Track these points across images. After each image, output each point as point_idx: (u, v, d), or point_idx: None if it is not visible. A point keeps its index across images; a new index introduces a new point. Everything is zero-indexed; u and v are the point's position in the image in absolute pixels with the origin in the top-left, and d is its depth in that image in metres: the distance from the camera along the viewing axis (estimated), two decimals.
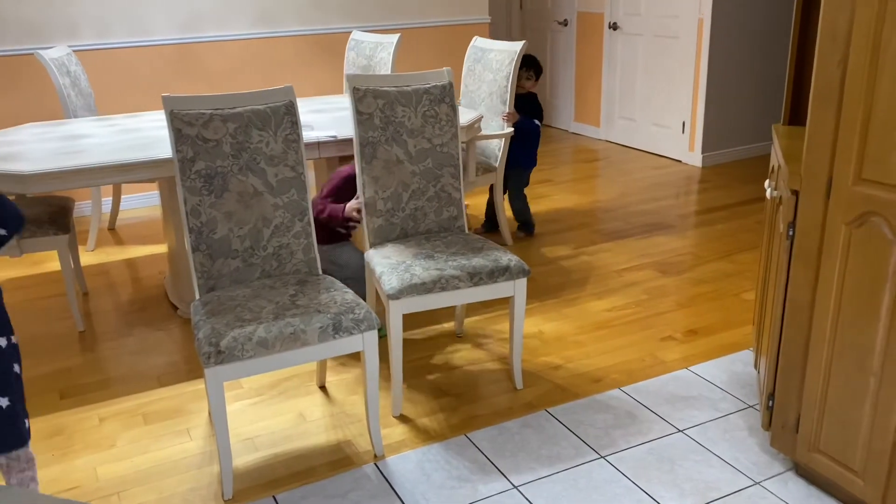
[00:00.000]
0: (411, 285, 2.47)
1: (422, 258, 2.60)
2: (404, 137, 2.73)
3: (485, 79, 4.02)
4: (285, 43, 5.07)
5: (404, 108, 2.71)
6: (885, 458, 1.88)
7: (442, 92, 2.79)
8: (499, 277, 2.57)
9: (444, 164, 2.82)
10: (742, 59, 5.46)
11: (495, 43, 4.04)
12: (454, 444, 2.43)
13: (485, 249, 2.68)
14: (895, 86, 1.68)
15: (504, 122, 3.91)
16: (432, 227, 2.85)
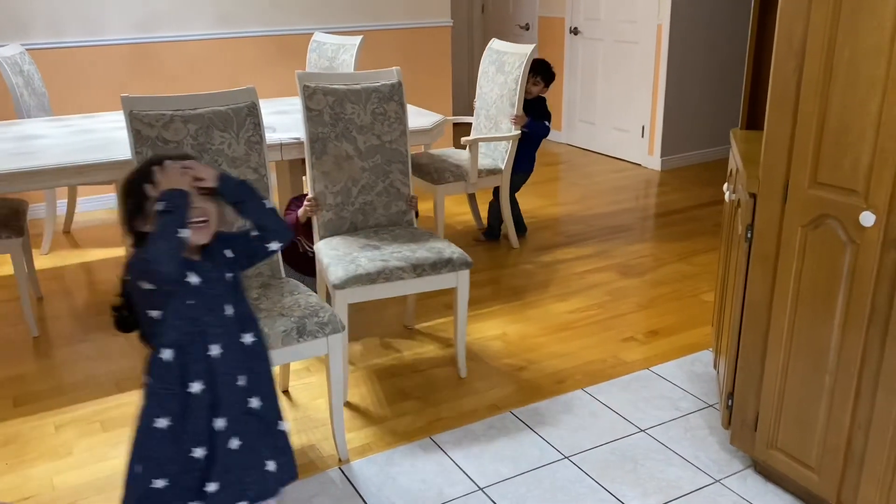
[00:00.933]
0: (356, 276, 2.52)
1: (368, 250, 2.66)
2: (354, 134, 2.79)
3: (497, 81, 4.03)
4: (246, 44, 5.02)
5: (354, 106, 2.77)
6: (840, 453, 1.93)
7: (391, 90, 2.84)
8: (442, 269, 2.64)
9: (392, 160, 2.87)
10: (700, 65, 5.57)
11: (510, 45, 4.05)
12: (419, 447, 2.43)
13: (429, 242, 2.74)
14: (848, 92, 1.73)
15: (512, 124, 3.91)
16: (381, 221, 2.91)
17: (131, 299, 1.57)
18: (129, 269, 1.53)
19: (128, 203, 1.54)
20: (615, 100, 5.91)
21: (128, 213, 1.54)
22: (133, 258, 1.52)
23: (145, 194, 1.50)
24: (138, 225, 1.53)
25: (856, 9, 1.68)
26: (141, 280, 1.50)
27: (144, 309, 1.53)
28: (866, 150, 1.72)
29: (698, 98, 5.65)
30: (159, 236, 1.44)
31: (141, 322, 1.57)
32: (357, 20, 5.32)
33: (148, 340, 1.57)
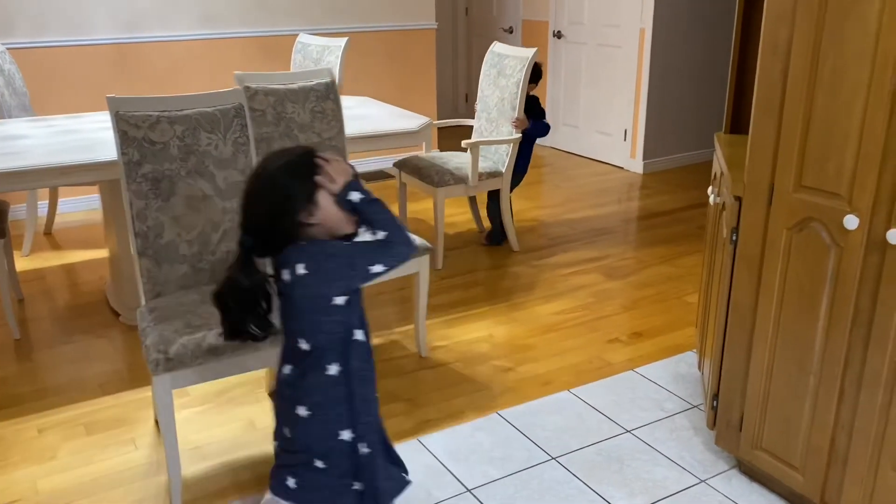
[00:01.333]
0: None
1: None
2: (295, 132, 2.87)
3: (499, 84, 4.04)
4: (230, 44, 4.99)
5: (294, 105, 2.86)
6: (824, 453, 1.96)
7: (327, 89, 2.95)
8: None
9: None
10: (682, 69, 5.62)
11: (511, 49, 4.06)
12: (407, 449, 2.43)
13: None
14: (833, 97, 1.76)
15: (514, 127, 3.92)
16: None
17: (263, 296, 1.53)
18: (314, 255, 1.47)
19: (295, 197, 1.46)
20: (598, 103, 5.95)
21: (293, 207, 1.46)
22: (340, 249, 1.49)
23: (315, 185, 1.47)
24: (303, 217, 1.47)
25: (841, 15, 1.71)
26: (351, 269, 1.48)
27: (329, 296, 1.48)
28: (850, 155, 1.75)
29: (680, 102, 5.70)
30: (390, 222, 1.48)
31: (304, 307, 1.51)
32: (342, 22, 5.31)
33: (330, 330, 1.51)
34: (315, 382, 1.53)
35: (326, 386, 1.53)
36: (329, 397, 1.54)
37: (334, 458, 1.57)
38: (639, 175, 5.67)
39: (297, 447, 1.59)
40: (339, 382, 1.53)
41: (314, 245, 1.49)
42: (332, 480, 1.58)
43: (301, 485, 1.58)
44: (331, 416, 1.54)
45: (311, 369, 1.53)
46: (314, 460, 1.57)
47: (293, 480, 1.58)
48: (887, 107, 1.66)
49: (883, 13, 1.63)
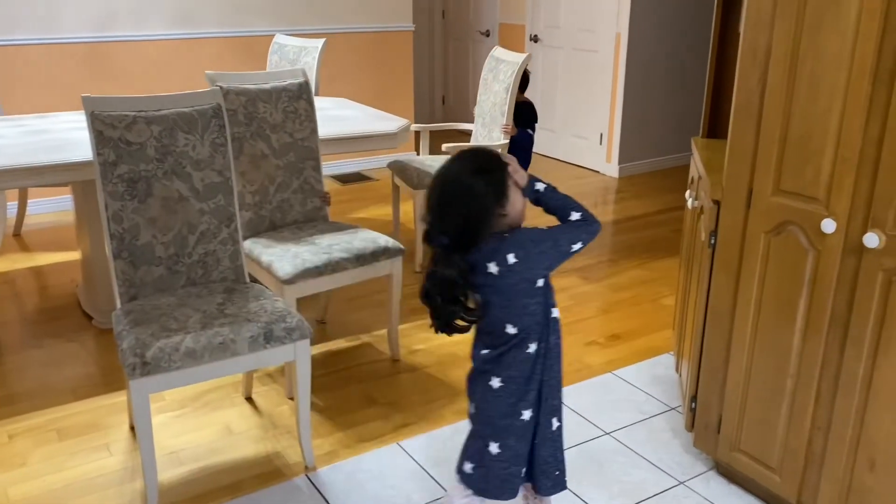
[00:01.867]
0: (305, 270, 2.59)
1: (305, 244, 2.73)
2: (267, 132, 2.85)
3: (492, 89, 4.03)
4: (206, 45, 4.94)
5: (265, 105, 2.84)
6: (801, 455, 1.98)
7: (299, 89, 2.93)
8: (379, 257, 2.78)
9: (305, 157, 2.95)
10: (657, 74, 5.67)
11: (507, 53, 4.05)
12: (387, 453, 2.41)
13: (359, 233, 2.86)
14: (810, 103, 1.78)
15: (503, 133, 3.91)
16: (298, 218, 2.97)
17: (465, 288, 1.63)
18: (522, 243, 1.59)
19: (490, 196, 1.58)
20: (575, 107, 5.98)
21: (489, 205, 1.58)
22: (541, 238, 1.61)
23: (505, 181, 1.60)
24: (497, 211, 1.59)
25: (818, 21, 1.73)
26: (551, 264, 1.63)
27: (535, 279, 1.63)
28: (827, 160, 1.78)
29: (655, 106, 5.76)
30: (577, 204, 1.68)
31: (512, 293, 1.62)
32: (319, 23, 5.28)
33: (534, 311, 1.64)
34: (515, 359, 1.66)
35: (524, 362, 1.66)
36: (523, 372, 1.66)
37: (510, 440, 1.69)
38: (615, 179, 5.71)
39: (478, 422, 1.73)
40: (536, 359, 1.67)
41: (517, 235, 1.62)
42: (504, 466, 1.70)
43: (476, 468, 1.74)
44: (519, 391, 1.67)
45: (514, 348, 1.66)
46: (490, 444, 1.70)
47: (470, 465, 1.75)
48: (864, 113, 1.69)
49: (859, 21, 1.66)
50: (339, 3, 5.34)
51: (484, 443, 1.71)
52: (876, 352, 1.77)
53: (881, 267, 1.72)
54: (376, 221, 4.63)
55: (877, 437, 1.81)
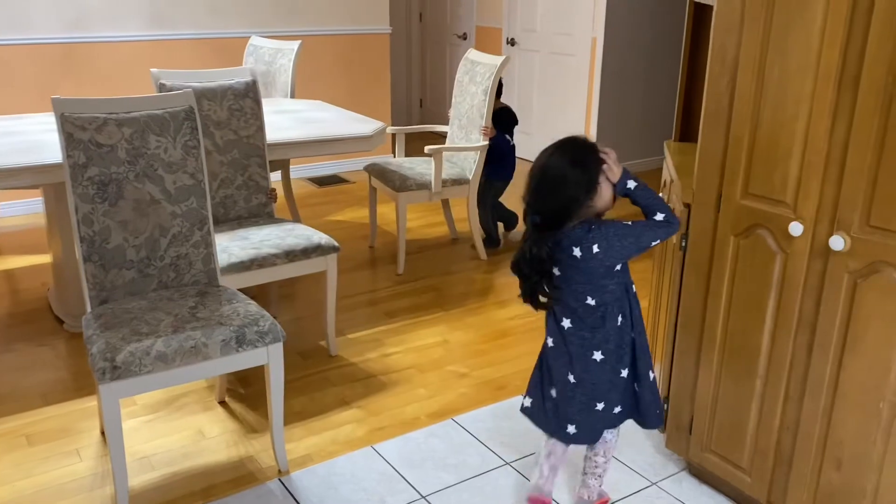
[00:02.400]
0: (230, 264, 2.64)
1: (238, 240, 2.78)
2: (211, 129, 2.91)
3: (469, 91, 4.04)
4: (181, 46, 4.90)
5: (210, 103, 2.90)
6: (770, 455, 2.01)
7: (246, 88, 2.99)
8: (312, 254, 2.82)
9: (250, 154, 3.02)
10: (632, 78, 5.71)
11: (483, 55, 4.06)
12: (360, 457, 2.41)
13: (296, 230, 2.91)
14: (778, 108, 1.81)
15: (482, 135, 3.91)
16: (242, 213, 3.04)
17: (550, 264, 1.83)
18: (607, 235, 1.79)
19: (583, 186, 1.77)
20: (551, 110, 6.01)
21: (581, 194, 1.77)
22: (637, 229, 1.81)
23: (598, 175, 1.78)
24: (586, 201, 1.77)
25: (785, 28, 1.76)
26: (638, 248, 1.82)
27: (614, 265, 1.84)
28: (795, 164, 1.80)
29: (630, 110, 5.80)
30: (663, 204, 1.83)
31: (593, 276, 1.83)
32: (295, 25, 5.27)
33: (613, 290, 1.86)
34: (609, 332, 1.87)
35: (617, 333, 1.88)
36: (618, 343, 1.89)
37: (612, 395, 1.93)
38: None
39: (581, 390, 1.92)
40: (625, 329, 1.89)
41: (604, 228, 1.79)
42: (604, 414, 1.94)
43: (580, 429, 1.95)
44: (617, 357, 1.90)
45: (602, 321, 1.87)
46: (595, 404, 1.92)
47: (573, 427, 1.95)
48: (829, 118, 1.71)
49: (825, 28, 1.69)
50: (316, 5, 5.33)
51: (590, 404, 1.93)
52: (842, 353, 1.80)
53: (847, 269, 1.75)
54: (353, 224, 4.63)
55: (843, 437, 1.84)
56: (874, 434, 1.77)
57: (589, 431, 1.97)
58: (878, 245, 1.68)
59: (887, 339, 1.70)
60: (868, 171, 1.67)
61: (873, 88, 1.63)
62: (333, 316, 3.00)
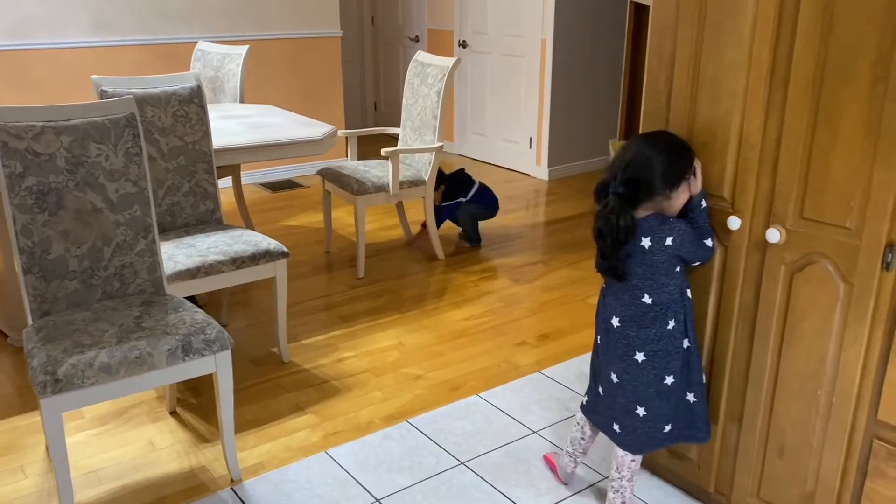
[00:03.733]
0: (175, 272, 2.61)
1: (184, 248, 2.76)
2: (155, 136, 2.87)
3: (421, 93, 4.03)
4: (126, 52, 4.82)
5: (154, 109, 2.87)
6: (716, 445, 2.05)
7: (191, 93, 2.96)
8: (260, 260, 2.81)
9: (197, 160, 2.99)
10: (583, 78, 5.77)
11: (433, 58, 4.06)
12: (314, 462, 2.39)
13: (244, 236, 2.88)
14: (713, 105, 1.85)
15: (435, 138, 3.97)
16: (190, 220, 3.01)
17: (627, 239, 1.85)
18: (683, 234, 1.84)
19: (663, 176, 1.81)
20: (504, 112, 6.05)
21: (658, 182, 1.81)
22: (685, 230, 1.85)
23: (682, 178, 1.83)
24: (662, 192, 1.82)
25: (718, 27, 1.80)
26: (679, 251, 1.85)
27: (676, 265, 1.87)
28: (731, 159, 1.84)
29: (582, 110, 5.86)
30: (712, 232, 1.89)
31: (657, 269, 1.87)
32: (243, 29, 5.21)
33: (671, 291, 1.89)
34: (658, 334, 1.88)
35: (666, 338, 1.88)
36: (665, 347, 1.89)
37: (659, 404, 1.92)
38: (545, 182, 5.79)
39: (622, 391, 1.95)
40: (676, 335, 1.89)
41: (682, 226, 1.84)
42: (649, 425, 1.94)
43: (623, 429, 1.97)
44: (663, 363, 1.90)
45: (653, 322, 1.88)
46: (636, 407, 1.93)
47: (618, 426, 1.99)
48: (762, 114, 1.76)
49: (755, 27, 1.73)
50: (265, 9, 5.28)
51: (630, 406, 1.94)
52: (781, 343, 1.85)
53: (783, 261, 1.80)
54: (307, 229, 4.59)
55: (785, 425, 1.89)
56: (813, 421, 1.82)
57: (631, 434, 1.97)
58: (811, 237, 1.73)
59: (823, 328, 1.75)
60: (800, 164, 1.72)
61: (802, 85, 1.67)
62: (284, 322, 2.97)
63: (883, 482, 1.72)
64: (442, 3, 6.38)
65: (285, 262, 2.87)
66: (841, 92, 1.62)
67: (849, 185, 1.64)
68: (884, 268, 1.62)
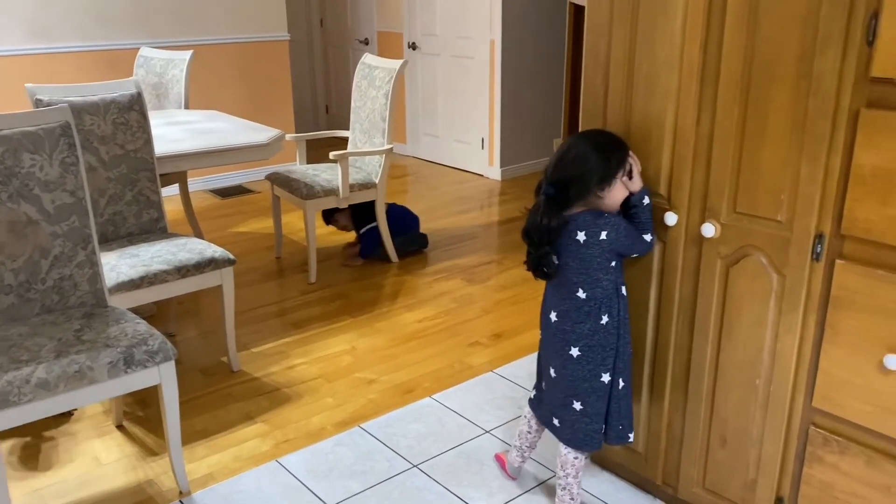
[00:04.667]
0: (118, 283, 2.55)
1: (127, 258, 2.71)
2: (95, 145, 2.83)
3: (369, 95, 4.00)
4: (66, 60, 4.71)
5: (92, 117, 2.82)
6: (662, 437, 2.08)
7: (131, 100, 2.92)
8: (205, 268, 2.76)
9: (139, 168, 2.95)
10: (532, 79, 5.82)
11: (380, 60, 4.04)
12: (265, 472, 2.37)
13: (189, 244, 2.84)
14: (648, 102, 1.88)
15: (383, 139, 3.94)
16: (133, 230, 2.97)
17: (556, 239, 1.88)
18: (618, 228, 1.85)
19: (597, 173, 1.83)
20: (455, 113, 6.07)
21: (592, 179, 1.83)
22: (620, 226, 1.85)
23: (616, 174, 1.84)
24: (596, 190, 1.84)
25: (650, 26, 1.83)
26: (614, 247, 1.86)
27: (611, 260, 1.88)
28: (666, 156, 1.88)
29: (531, 110, 5.90)
30: (653, 228, 1.89)
31: (591, 264, 1.88)
32: (187, 34, 5.14)
33: (605, 286, 1.89)
34: (591, 329, 1.90)
35: (599, 332, 1.90)
36: (600, 342, 1.90)
37: (594, 401, 1.93)
38: (497, 182, 5.82)
39: (560, 386, 1.97)
40: (610, 331, 1.90)
41: (616, 221, 1.85)
42: (586, 421, 1.95)
43: (562, 424, 1.99)
44: (598, 359, 1.91)
45: (587, 317, 1.89)
46: (575, 402, 1.95)
47: (557, 420, 2.00)
48: (695, 111, 1.79)
49: (685, 26, 1.76)
50: (208, 13, 5.21)
51: (567, 401, 1.97)
52: (720, 335, 1.88)
53: (719, 255, 1.83)
54: (257, 235, 4.55)
55: (726, 415, 1.92)
56: (753, 410, 1.86)
57: (570, 429, 1.98)
58: (744, 230, 1.77)
59: (758, 319, 1.79)
60: (731, 160, 1.75)
61: (731, 81, 1.71)
62: (233, 331, 2.94)
63: (820, 467, 1.76)
64: (391, 6, 6.37)
65: (232, 270, 2.83)
66: (768, 88, 1.66)
67: (778, 179, 1.68)
68: (814, 259, 1.67)
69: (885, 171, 1.51)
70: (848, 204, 1.58)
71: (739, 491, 1.94)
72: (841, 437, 1.71)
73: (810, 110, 1.59)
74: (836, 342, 1.66)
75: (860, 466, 1.69)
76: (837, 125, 1.57)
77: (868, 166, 1.53)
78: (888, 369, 1.58)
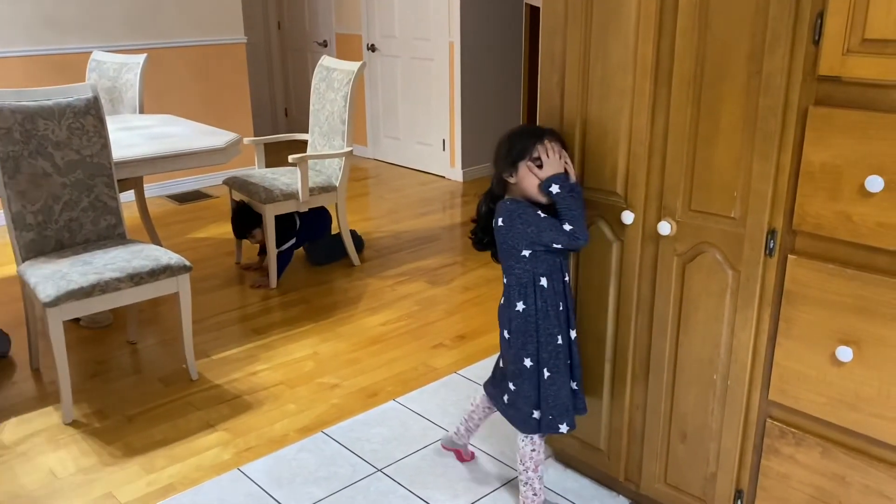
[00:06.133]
0: (68, 291, 2.52)
1: (79, 265, 2.67)
2: (49, 150, 2.78)
3: (328, 98, 3.96)
4: (14, 64, 4.59)
5: (46, 122, 2.78)
6: (624, 434, 2.10)
7: (87, 104, 2.86)
8: (160, 275, 2.71)
9: (96, 174, 2.91)
10: (491, 80, 5.83)
11: (338, 62, 4.02)
12: (227, 480, 2.33)
13: (145, 251, 2.80)
14: (603, 103, 1.90)
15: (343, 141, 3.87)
16: (90, 236, 2.92)
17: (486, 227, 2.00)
18: (512, 215, 1.89)
19: (503, 158, 1.93)
20: (416, 115, 6.06)
21: (500, 164, 1.93)
22: (525, 211, 1.88)
23: (520, 160, 1.89)
24: (505, 175, 1.92)
25: (604, 27, 1.85)
26: (530, 238, 1.88)
27: (519, 248, 1.90)
28: (622, 156, 1.89)
29: (491, 111, 5.92)
30: (580, 219, 1.86)
31: (501, 250, 1.95)
32: (141, 38, 5.05)
33: (519, 275, 1.93)
34: (512, 314, 1.96)
35: (516, 319, 1.95)
36: (520, 328, 1.94)
37: (522, 383, 1.97)
38: (459, 183, 5.83)
39: (503, 367, 2.06)
40: (527, 317, 1.93)
41: (513, 206, 1.89)
42: (521, 403, 1.99)
43: (508, 403, 2.04)
44: (520, 343, 1.96)
45: (508, 301, 1.97)
46: (510, 383, 2.01)
47: (506, 397, 2.05)
48: (649, 110, 1.81)
49: (638, 27, 1.78)
50: (163, 16, 5.13)
51: (504, 382, 2.04)
52: (678, 331, 1.91)
53: (675, 252, 1.86)
54: (217, 241, 4.49)
55: (686, 410, 1.95)
56: (711, 405, 1.89)
57: (511, 409, 2.03)
58: (699, 228, 1.80)
59: (714, 314, 1.82)
60: (686, 158, 1.78)
61: (684, 81, 1.73)
62: (191, 338, 2.89)
63: (777, 459, 1.79)
64: (349, 8, 6.34)
65: (188, 277, 2.78)
66: (720, 87, 1.68)
67: (731, 176, 1.71)
68: (767, 254, 1.69)
69: (834, 167, 1.54)
70: (799, 200, 1.61)
71: (700, 485, 1.97)
72: (797, 429, 1.74)
73: (761, 108, 1.62)
74: (791, 336, 1.69)
75: (816, 457, 1.72)
76: (787, 123, 1.60)
77: (817, 163, 1.56)
78: (840, 361, 1.62)
